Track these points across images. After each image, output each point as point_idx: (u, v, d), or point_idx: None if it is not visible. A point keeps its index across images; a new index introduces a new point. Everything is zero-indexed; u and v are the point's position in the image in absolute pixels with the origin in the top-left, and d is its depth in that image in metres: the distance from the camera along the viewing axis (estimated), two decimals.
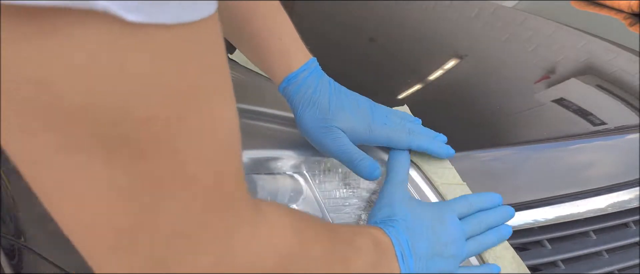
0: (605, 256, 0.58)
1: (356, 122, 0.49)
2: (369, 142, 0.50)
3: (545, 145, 0.62)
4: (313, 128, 0.48)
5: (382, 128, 0.50)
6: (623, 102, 0.76)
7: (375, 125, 0.49)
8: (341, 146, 0.47)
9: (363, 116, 0.49)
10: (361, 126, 0.49)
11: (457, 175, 0.53)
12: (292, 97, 0.48)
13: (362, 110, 0.50)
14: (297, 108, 0.48)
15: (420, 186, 0.53)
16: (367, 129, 0.49)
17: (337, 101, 0.48)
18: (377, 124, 0.50)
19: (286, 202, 0.51)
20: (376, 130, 0.49)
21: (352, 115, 0.48)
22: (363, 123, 0.49)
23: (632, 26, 1.25)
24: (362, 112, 0.49)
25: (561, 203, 0.57)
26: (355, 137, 0.49)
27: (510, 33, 0.99)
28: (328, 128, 0.47)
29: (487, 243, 0.48)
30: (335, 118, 0.48)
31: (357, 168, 0.47)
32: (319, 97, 0.48)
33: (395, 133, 0.50)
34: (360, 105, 0.50)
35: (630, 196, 0.61)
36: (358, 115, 0.49)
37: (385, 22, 0.93)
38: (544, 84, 0.76)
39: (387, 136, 0.50)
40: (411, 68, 0.77)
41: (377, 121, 0.50)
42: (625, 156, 0.65)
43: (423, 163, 0.53)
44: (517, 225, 0.54)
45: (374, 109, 0.51)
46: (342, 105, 0.48)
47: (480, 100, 0.69)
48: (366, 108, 0.50)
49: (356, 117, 0.49)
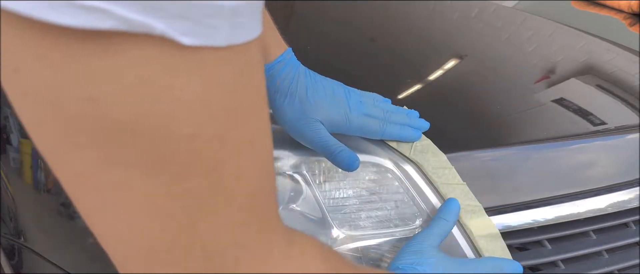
0: (605, 256, 0.58)
1: (334, 113, 0.49)
2: (346, 132, 0.51)
3: (545, 145, 0.62)
4: (292, 120, 0.48)
5: (359, 118, 0.51)
6: (623, 102, 0.76)
7: (352, 115, 0.50)
8: (321, 138, 0.48)
9: (340, 106, 0.50)
10: (339, 117, 0.49)
11: (457, 175, 0.53)
12: (269, 88, 0.48)
13: (339, 99, 0.50)
14: (274, 99, 0.48)
15: (420, 186, 0.53)
16: (345, 120, 0.50)
17: (314, 92, 0.49)
18: (354, 114, 0.50)
19: (286, 202, 0.51)
20: (353, 120, 0.50)
21: (330, 105, 0.49)
22: (341, 114, 0.50)
23: (632, 26, 1.25)
24: (339, 101, 0.50)
25: (561, 203, 0.57)
26: (332, 128, 0.49)
27: (510, 33, 0.99)
28: (307, 120, 0.48)
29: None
30: (314, 110, 0.48)
31: (336, 160, 0.47)
32: (297, 88, 0.48)
33: (370, 123, 0.51)
34: (336, 94, 0.50)
35: (630, 196, 0.61)
36: (336, 105, 0.50)
37: (385, 22, 0.93)
38: (544, 84, 0.76)
39: (362, 126, 0.51)
40: (411, 68, 0.77)
41: (353, 111, 0.51)
42: (625, 156, 0.65)
43: (423, 163, 0.53)
44: (517, 224, 0.54)
45: (349, 97, 0.51)
46: (320, 95, 0.49)
47: (480, 100, 0.69)
48: (342, 97, 0.51)
49: (334, 108, 0.49)
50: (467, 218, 0.52)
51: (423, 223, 0.53)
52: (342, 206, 0.51)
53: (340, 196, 0.52)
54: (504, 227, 0.53)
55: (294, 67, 0.49)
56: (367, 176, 0.53)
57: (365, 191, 0.52)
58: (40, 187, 0.61)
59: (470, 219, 0.52)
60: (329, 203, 0.51)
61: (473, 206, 0.52)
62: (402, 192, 0.53)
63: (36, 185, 0.62)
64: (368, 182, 0.53)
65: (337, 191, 0.52)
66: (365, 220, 0.52)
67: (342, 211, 0.51)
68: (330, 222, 0.50)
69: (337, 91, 0.51)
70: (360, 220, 0.52)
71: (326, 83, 0.51)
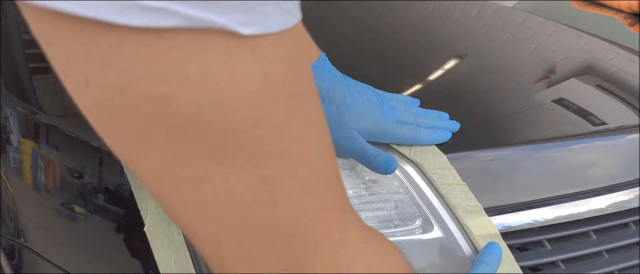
0: (605, 256, 0.58)
1: (370, 124, 0.50)
2: (378, 140, 0.51)
3: (545, 145, 0.62)
4: (329, 126, 0.48)
5: (393, 127, 0.51)
6: (623, 102, 0.76)
7: (387, 125, 0.51)
8: (357, 146, 0.48)
9: (376, 116, 0.50)
10: (375, 128, 0.50)
11: (457, 175, 0.53)
12: None
13: (374, 108, 0.50)
14: None
15: (420, 186, 0.53)
16: (380, 130, 0.50)
17: (351, 99, 0.49)
18: (389, 123, 0.51)
19: None
20: (388, 130, 0.51)
21: (366, 115, 0.49)
22: (377, 125, 0.50)
23: (632, 26, 1.24)
24: (374, 110, 0.50)
25: (561, 203, 0.57)
26: (367, 136, 0.50)
27: (510, 33, 0.99)
28: (343, 128, 0.48)
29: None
30: (351, 119, 0.48)
31: (372, 164, 0.48)
32: (335, 94, 0.48)
33: (403, 130, 0.52)
34: (371, 102, 0.50)
35: (630, 196, 0.61)
36: (371, 115, 0.50)
37: (385, 22, 0.93)
38: (544, 84, 0.76)
39: (397, 135, 0.51)
40: (411, 68, 0.77)
41: (388, 119, 0.51)
42: (625, 156, 0.65)
43: (423, 163, 0.53)
44: (517, 224, 0.54)
45: (383, 104, 0.51)
46: (357, 104, 0.49)
47: (480, 100, 0.69)
48: (377, 105, 0.51)
49: (370, 119, 0.50)
50: (467, 218, 0.52)
51: (423, 223, 0.53)
52: None
53: None
54: (504, 227, 0.53)
55: (330, 72, 0.48)
56: (367, 176, 0.53)
57: (365, 191, 0.52)
58: (40, 187, 0.61)
59: (470, 219, 0.52)
60: None
61: (473, 206, 0.52)
62: (402, 192, 0.53)
63: (36, 185, 0.62)
64: (368, 182, 0.53)
65: None
66: (365, 220, 0.52)
67: None
68: None
69: (371, 98, 0.51)
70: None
71: (362, 90, 0.51)
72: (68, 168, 0.59)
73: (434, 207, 0.52)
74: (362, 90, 0.51)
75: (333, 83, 0.48)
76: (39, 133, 0.63)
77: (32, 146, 0.62)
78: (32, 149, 0.62)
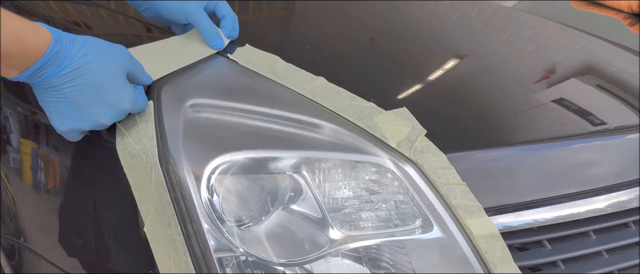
0: (605, 256, 0.58)
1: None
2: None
3: (545, 145, 0.62)
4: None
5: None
6: (623, 102, 0.76)
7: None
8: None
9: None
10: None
11: (456, 175, 0.53)
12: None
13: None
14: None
15: (420, 186, 0.53)
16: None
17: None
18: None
19: (286, 202, 0.51)
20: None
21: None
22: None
23: (632, 26, 1.25)
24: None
25: (561, 203, 0.57)
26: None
27: (510, 33, 0.99)
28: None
29: None
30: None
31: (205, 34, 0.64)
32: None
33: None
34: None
35: (630, 196, 0.61)
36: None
37: (385, 23, 0.93)
38: (544, 84, 0.76)
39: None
40: (411, 68, 0.77)
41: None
42: (625, 156, 0.65)
43: (423, 163, 0.53)
44: (517, 224, 0.54)
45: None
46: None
47: (480, 100, 0.69)
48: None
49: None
50: (467, 218, 0.52)
51: (423, 223, 0.53)
52: (342, 206, 0.51)
53: (340, 197, 0.52)
54: (504, 227, 0.53)
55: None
56: (367, 176, 0.53)
57: (365, 191, 0.52)
58: (40, 187, 0.61)
59: (470, 219, 0.52)
60: (329, 203, 0.51)
61: (473, 206, 0.52)
62: (402, 192, 0.53)
63: (36, 185, 0.62)
64: (368, 182, 0.53)
65: (337, 191, 0.52)
66: (365, 220, 0.52)
67: (342, 211, 0.51)
68: (330, 222, 0.50)
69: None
70: (360, 220, 0.52)
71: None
72: (68, 168, 0.59)
73: (434, 207, 0.52)
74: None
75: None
76: (39, 133, 0.63)
77: (32, 147, 0.62)
78: (32, 149, 0.62)
